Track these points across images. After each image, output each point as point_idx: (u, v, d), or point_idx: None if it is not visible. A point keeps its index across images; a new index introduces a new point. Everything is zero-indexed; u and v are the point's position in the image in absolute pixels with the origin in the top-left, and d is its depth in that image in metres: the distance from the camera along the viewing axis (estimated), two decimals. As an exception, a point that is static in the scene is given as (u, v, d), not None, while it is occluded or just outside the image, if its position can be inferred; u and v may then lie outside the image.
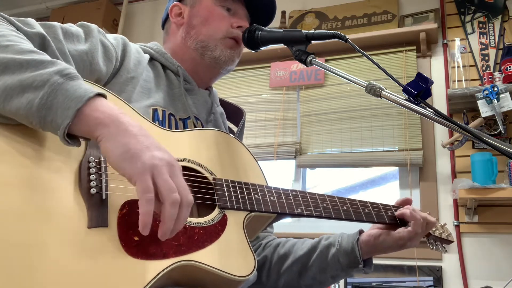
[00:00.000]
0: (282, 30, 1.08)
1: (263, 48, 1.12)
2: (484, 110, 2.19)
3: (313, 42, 1.04)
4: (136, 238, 0.74)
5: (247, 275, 0.82)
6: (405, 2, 2.89)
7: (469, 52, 2.57)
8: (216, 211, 0.89)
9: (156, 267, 0.73)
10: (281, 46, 1.08)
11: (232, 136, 1.06)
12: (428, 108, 0.88)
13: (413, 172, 2.51)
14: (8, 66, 0.72)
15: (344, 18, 2.96)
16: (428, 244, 1.22)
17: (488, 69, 2.48)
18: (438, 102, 2.56)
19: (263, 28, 1.11)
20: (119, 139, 0.70)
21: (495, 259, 2.22)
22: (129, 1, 3.59)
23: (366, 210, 1.10)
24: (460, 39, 2.58)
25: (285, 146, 2.79)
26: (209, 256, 0.80)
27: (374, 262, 1.18)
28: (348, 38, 1.00)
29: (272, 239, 1.27)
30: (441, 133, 2.50)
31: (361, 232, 1.17)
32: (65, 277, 0.66)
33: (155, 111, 1.02)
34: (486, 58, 2.52)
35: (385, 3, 2.88)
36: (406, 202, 1.19)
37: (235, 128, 1.28)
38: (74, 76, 0.73)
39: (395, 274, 2.34)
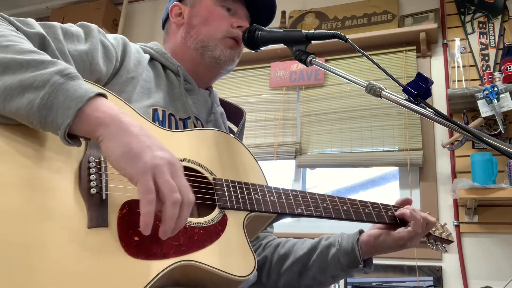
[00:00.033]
0: (282, 30, 1.08)
1: (263, 48, 1.12)
2: (484, 110, 2.19)
3: (313, 42, 1.04)
4: (136, 238, 0.75)
5: (247, 275, 0.82)
6: (405, 2, 2.89)
7: (469, 52, 2.56)
8: (216, 211, 0.89)
9: (156, 267, 0.73)
10: (281, 46, 1.08)
11: (232, 136, 1.06)
12: (428, 108, 0.88)
13: (413, 172, 2.51)
14: (9, 66, 0.72)
15: (344, 18, 2.96)
16: (428, 244, 1.22)
17: (488, 69, 2.48)
18: (438, 102, 2.56)
19: (263, 28, 1.11)
20: (120, 139, 0.70)
21: (495, 259, 2.22)
22: (129, 1, 3.59)
23: (366, 210, 1.10)
24: (460, 39, 2.58)
25: (285, 146, 2.79)
26: (209, 256, 0.80)
27: (374, 262, 1.18)
28: (348, 38, 1.00)
29: (272, 239, 1.27)
30: (441, 133, 2.50)
31: (361, 232, 1.17)
32: (65, 277, 0.66)
33: (155, 111, 1.02)
34: (486, 58, 2.52)
35: (385, 3, 2.88)
36: (406, 202, 1.19)
37: (235, 128, 1.28)
38: (74, 76, 0.73)
39: (395, 274, 2.34)
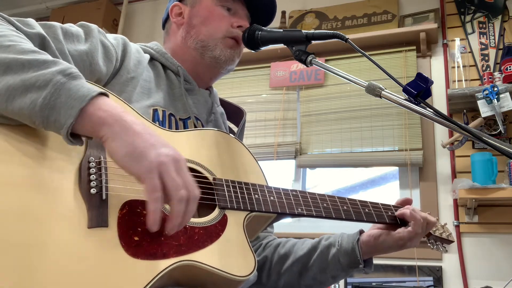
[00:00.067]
0: (282, 30, 1.08)
1: (263, 48, 1.12)
2: (484, 110, 2.19)
3: (313, 42, 1.04)
4: (136, 238, 0.74)
5: (247, 275, 0.82)
6: (405, 2, 2.89)
7: (469, 52, 2.56)
8: (216, 211, 0.89)
9: (156, 267, 0.73)
10: (281, 46, 1.08)
11: (233, 136, 1.06)
12: (428, 108, 0.88)
13: (413, 172, 2.51)
14: (10, 66, 0.72)
15: (344, 18, 2.96)
16: (429, 244, 1.22)
17: (488, 69, 2.48)
18: (438, 102, 2.56)
19: (263, 28, 1.11)
20: (125, 138, 0.70)
21: (495, 259, 2.22)
22: (129, 1, 3.59)
23: (367, 210, 1.10)
24: (460, 39, 2.58)
25: (285, 146, 2.79)
26: (209, 256, 0.80)
27: (374, 262, 1.18)
28: (348, 38, 1.00)
29: (273, 239, 1.27)
30: (441, 133, 2.50)
31: (361, 232, 1.17)
32: (65, 277, 0.66)
33: (155, 111, 1.01)
34: (486, 58, 2.52)
35: (385, 3, 2.88)
36: (406, 202, 1.19)
37: (235, 128, 1.28)
38: (76, 75, 0.74)
39: (395, 274, 2.34)
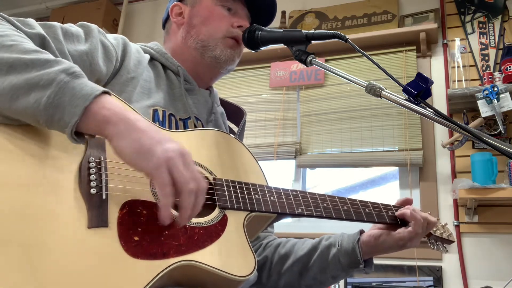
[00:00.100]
0: (282, 30, 1.08)
1: (263, 48, 1.12)
2: (484, 110, 2.19)
3: (313, 42, 1.04)
4: (136, 238, 0.75)
5: (247, 275, 0.82)
6: (405, 2, 2.89)
7: (469, 52, 2.56)
8: (216, 211, 0.89)
9: (156, 267, 0.73)
10: (281, 46, 1.08)
11: (233, 136, 1.06)
12: (428, 108, 0.87)
13: (413, 172, 2.51)
14: (14, 65, 0.73)
15: (344, 18, 2.96)
16: (429, 244, 1.22)
17: (488, 69, 2.48)
18: (438, 102, 2.56)
19: (263, 28, 1.11)
20: (130, 137, 0.72)
21: (495, 259, 2.22)
22: (129, 1, 3.59)
23: (367, 210, 1.10)
24: (460, 39, 2.58)
25: (285, 146, 2.79)
26: (209, 256, 0.80)
27: (374, 262, 1.18)
28: (348, 38, 1.00)
29: (273, 239, 1.27)
30: (441, 133, 2.50)
31: (361, 232, 1.17)
32: (65, 277, 0.66)
33: (155, 111, 1.01)
34: (486, 58, 2.52)
35: (385, 3, 2.88)
36: (407, 202, 1.19)
37: (235, 128, 1.28)
38: (79, 74, 0.75)
39: (395, 274, 2.34)
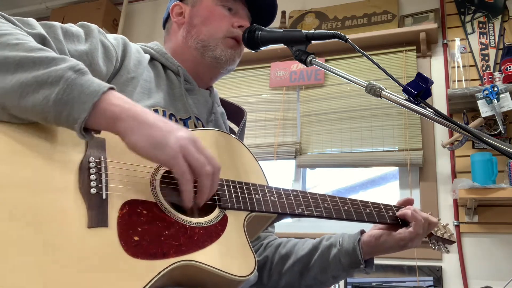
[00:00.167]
0: (282, 30, 1.08)
1: (263, 48, 1.12)
2: (484, 110, 2.19)
3: (313, 42, 1.04)
4: (136, 238, 0.75)
5: (247, 275, 0.82)
6: (405, 2, 2.89)
7: (469, 52, 2.56)
8: (216, 211, 0.89)
9: (156, 267, 0.73)
10: (281, 46, 1.08)
11: (233, 136, 1.06)
12: (428, 108, 0.88)
13: (413, 172, 2.51)
14: (21, 63, 0.74)
15: (344, 18, 2.96)
16: (430, 244, 1.22)
17: (488, 69, 2.48)
18: (438, 102, 2.56)
19: (263, 28, 1.11)
20: (142, 132, 0.74)
21: (495, 259, 2.22)
22: (129, 1, 3.59)
23: (368, 210, 1.10)
24: (460, 39, 2.58)
25: (285, 146, 2.79)
26: (209, 256, 0.80)
27: (374, 262, 1.18)
28: (348, 38, 1.00)
29: (274, 239, 1.27)
30: (441, 133, 2.50)
31: (362, 232, 1.17)
32: (65, 276, 0.66)
33: (155, 111, 1.01)
34: (486, 58, 2.52)
35: (385, 3, 2.88)
36: (408, 202, 1.18)
37: (236, 128, 1.28)
38: (85, 71, 0.76)
39: (395, 274, 2.34)
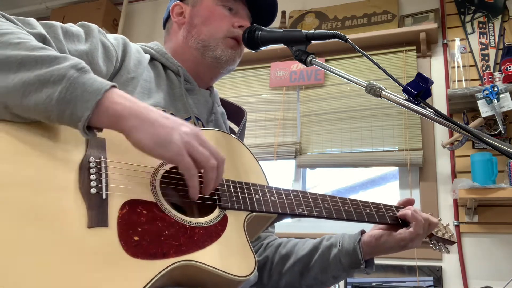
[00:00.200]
0: (282, 30, 1.08)
1: (263, 48, 1.12)
2: (484, 110, 2.19)
3: (313, 42, 1.04)
4: (136, 238, 0.74)
5: (247, 275, 0.82)
6: (405, 2, 2.89)
7: (469, 52, 2.56)
8: (216, 211, 0.89)
9: (156, 267, 0.73)
10: (281, 46, 1.08)
11: (233, 136, 1.06)
12: (428, 108, 0.88)
13: (413, 172, 2.51)
14: (23, 62, 0.74)
15: (344, 18, 2.96)
16: (431, 245, 1.21)
17: (488, 69, 2.48)
18: (438, 102, 2.56)
19: (263, 28, 1.11)
20: (146, 130, 0.75)
21: (495, 259, 2.22)
22: (129, 1, 3.59)
23: (368, 211, 1.10)
24: (460, 39, 2.58)
25: (285, 146, 2.79)
26: (209, 256, 0.80)
27: (374, 262, 1.18)
28: (348, 38, 1.00)
29: (274, 239, 1.27)
30: (441, 133, 2.50)
31: (362, 232, 1.17)
32: (65, 276, 0.66)
33: (155, 111, 1.01)
34: (486, 58, 2.52)
35: (385, 3, 2.88)
36: (409, 203, 1.18)
37: (236, 128, 1.28)
38: (87, 69, 0.77)
39: (395, 274, 2.34)
